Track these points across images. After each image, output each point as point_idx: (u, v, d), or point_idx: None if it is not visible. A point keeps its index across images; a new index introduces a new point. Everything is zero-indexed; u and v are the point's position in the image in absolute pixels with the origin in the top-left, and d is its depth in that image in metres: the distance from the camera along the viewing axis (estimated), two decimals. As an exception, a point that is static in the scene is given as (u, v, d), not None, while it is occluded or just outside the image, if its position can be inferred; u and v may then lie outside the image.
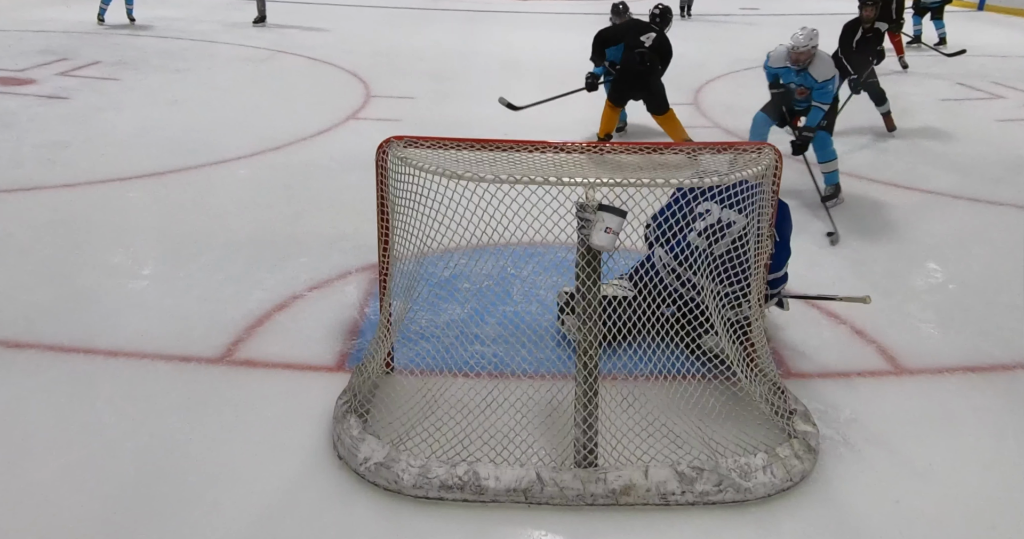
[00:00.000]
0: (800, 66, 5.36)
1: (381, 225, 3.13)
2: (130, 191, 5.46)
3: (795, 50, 5.28)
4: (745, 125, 5.93)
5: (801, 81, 5.46)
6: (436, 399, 3.09)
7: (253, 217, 5.08)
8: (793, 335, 3.82)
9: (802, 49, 5.27)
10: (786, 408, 3.06)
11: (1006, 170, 6.27)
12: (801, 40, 5.27)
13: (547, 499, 2.71)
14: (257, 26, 11.91)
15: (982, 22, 13.56)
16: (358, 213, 5.10)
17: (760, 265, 3.17)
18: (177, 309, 3.94)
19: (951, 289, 4.32)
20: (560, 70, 9.56)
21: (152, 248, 4.57)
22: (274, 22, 12.25)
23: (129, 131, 6.68)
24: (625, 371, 3.17)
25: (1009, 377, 3.54)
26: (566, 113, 7.07)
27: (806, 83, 5.44)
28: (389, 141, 3.03)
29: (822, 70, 5.38)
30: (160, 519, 2.65)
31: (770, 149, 3.05)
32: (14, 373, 3.41)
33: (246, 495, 2.75)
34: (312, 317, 3.90)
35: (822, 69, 5.38)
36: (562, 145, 2.99)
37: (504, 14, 14.04)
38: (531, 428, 2.96)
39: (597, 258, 2.72)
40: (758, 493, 2.75)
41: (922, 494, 2.84)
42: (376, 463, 2.77)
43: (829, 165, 5.57)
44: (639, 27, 6.48)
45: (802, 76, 5.42)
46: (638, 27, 6.49)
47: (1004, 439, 3.17)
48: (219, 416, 3.16)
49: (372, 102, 7.79)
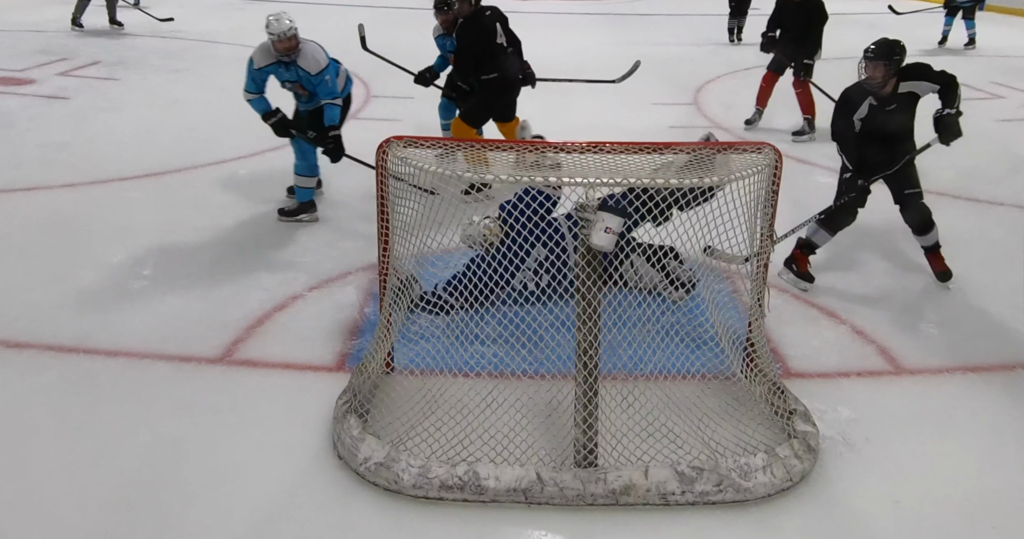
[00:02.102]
0: (288, 58, 4.60)
1: (381, 225, 3.13)
2: (130, 191, 5.46)
3: (273, 40, 4.50)
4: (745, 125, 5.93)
5: (293, 77, 4.69)
6: (436, 399, 3.09)
7: (253, 217, 5.08)
8: (793, 335, 3.82)
9: (277, 38, 4.47)
10: (786, 408, 3.06)
11: (1006, 170, 6.27)
12: (275, 26, 4.47)
13: (547, 499, 2.71)
14: None
15: (982, 22, 13.51)
16: (358, 213, 5.11)
17: (761, 265, 3.18)
18: (177, 309, 3.94)
19: (951, 289, 4.32)
20: (560, 70, 9.57)
21: (152, 248, 4.57)
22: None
23: (129, 131, 6.67)
24: (625, 371, 3.17)
25: (1009, 377, 3.54)
26: (566, 113, 7.07)
27: (299, 79, 4.68)
28: (389, 141, 3.03)
29: (311, 60, 4.61)
30: (160, 519, 2.65)
31: (770, 149, 3.05)
32: (14, 373, 3.41)
33: (246, 495, 2.75)
34: (312, 317, 3.90)
35: (311, 59, 4.61)
36: (562, 145, 2.99)
37: (504, 14, 14.02)
38: (531, 428, 2.96)
39: (597, 258, 2.72)
40: (758, 493, 2.74)
41: (922, 494, 2.84)
42: (376, 463, 2.77)
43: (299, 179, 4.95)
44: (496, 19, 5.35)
45: (292, 71, 4.66)
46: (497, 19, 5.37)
47: (1004, 439, 3.17)
48: (219, 416, 3.16)
49: (372, 102, 7.78)
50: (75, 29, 10.86)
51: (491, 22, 5.27)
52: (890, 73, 4.02)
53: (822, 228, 4.25)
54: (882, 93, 4.06)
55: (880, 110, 4.10)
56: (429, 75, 5.75)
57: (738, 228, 3.06)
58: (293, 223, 4.96)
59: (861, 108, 4.13)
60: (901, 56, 4.05)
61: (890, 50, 4.03)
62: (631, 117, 7.27)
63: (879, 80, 4.03)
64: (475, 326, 3.25)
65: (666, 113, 7.60)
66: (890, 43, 4.08)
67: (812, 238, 4.28)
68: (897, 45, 4.07)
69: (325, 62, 4.69)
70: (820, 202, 5.50)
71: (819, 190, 5.83)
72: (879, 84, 4.04)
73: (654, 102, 8.09)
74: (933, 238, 4.28)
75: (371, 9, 13.69)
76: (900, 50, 4.05)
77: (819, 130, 6.95)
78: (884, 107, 4.09)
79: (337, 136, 4.82)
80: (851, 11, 15.20)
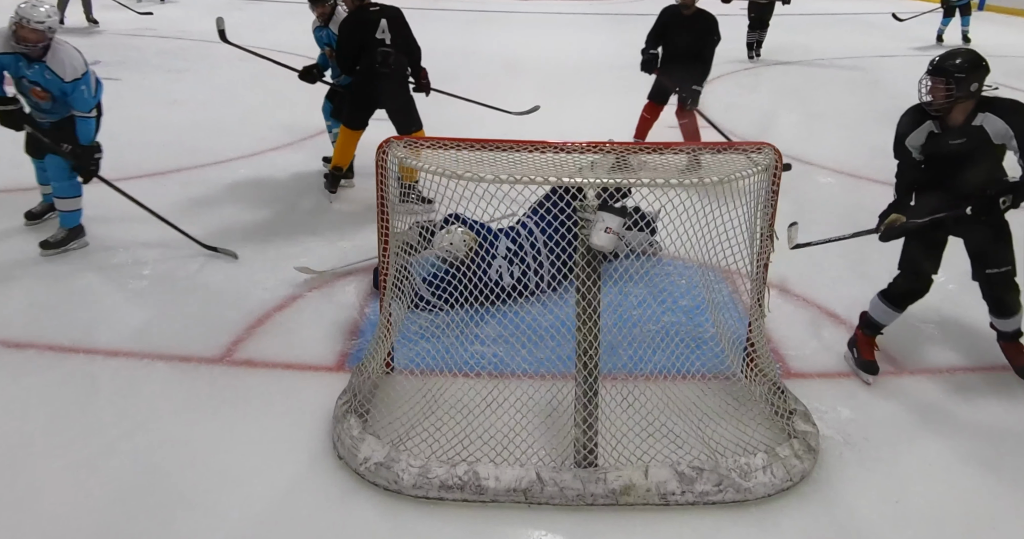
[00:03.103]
0: (31, 52, 3.95)
1: (381, 225, 3.13)
2: (130, 191, 5.45)
3: (15, 24, 3.84)
4: (746, 125, 5.92)
5: (37, 78, 4.00)
6: (436, 399, 3.09)
7: (253, 217, 5.08)
8: (793, 335, 3.82)
9: (19, 23, 3.82)
10: (786, 408, 3.06)
11: (1006, 170, 6.25)
12: (25, 9, 3.81)
13: (547, 499, 2.71)
14: None
15: (982, 22, 13.53)
16: (358, 213, 5.11)
17: (761, 265, 3.18)
18: (177, 309, 3.94)
19: (951, 289, 4.31)
20: (560, 70, 9.58)
21: (152, 248, 4.57)
22: (274, 23, 12.25)
23: (129, 131, 6.67)
24: (625, 371, 3.17)
25: (1009, 377, 3.53)
26: (567, 113, 7.07)
27: (44, 83, 4.00)
28: (389, 141, 3.03)
29: (65, 65, 3.96)
30: (160, 519, 2.64)
31: (770, 149, 3.05)
32: (14, 373, 3.41)
33: (246, 495, 2.75)
34: (312, 317, 3.90)
35: (66, 64, 3.96)
36: (562, 145, 2.99)
37: (504, 14, 14.04)
38: (531, 428, 2.96)
39: (597, 258, 2.72)
40: (758, 493, 2.74)
41: (922, 494, 2.84)
42: (376, 463, 2.77)
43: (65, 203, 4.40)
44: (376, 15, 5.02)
45: (37, 71, 3.99)
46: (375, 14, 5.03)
47: (1004, 439, 3.17)
48: (219, 416, 3.17)
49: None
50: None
51: (375, 17, 4.99)
52: (955, 95, 3.15)
53: (882, 301, 3.51)
54: (949, 121, 3.24)
55: (943, 141, 3.27)
56: (316, 71, 5.51)
57: (738, 228, 3.06)
58: (291, 223, 4.95)
59: (916, 133, 3.32)
60: (973, 75, 3.14)
61: (956, 66, 3.15)
62: (631, 117, 7.27)
63: (941, 102, 3.18)
64: (475, 326, 3.25)
65: (666, 113, 7.59)
66: (960, 55, 3.20)
67: (873, 314, 3.55)
68: (969, 59, 3.18)
69: (83, 69, 4.06)
70: (820, 202, 5.52)
71: (819, 190, 5.86)
72: (941, 107, 3.20)
73: (654, 102, 8.09)
74: (1015, 323, 3.44)
75: (371, 9, 13.71)
76: (971, 67, 3.15)
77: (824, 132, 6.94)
78: (949, 138, 3.25)
79: (99, 156, 4.27)
80: (852, 11, 15.22)
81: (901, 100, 3.89)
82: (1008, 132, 3.14)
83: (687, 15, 5.85)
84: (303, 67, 5.49)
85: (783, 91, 8.53)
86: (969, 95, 3.16)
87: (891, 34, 12.65)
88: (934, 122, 3.26)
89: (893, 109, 7.42)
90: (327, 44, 5.38)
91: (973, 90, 3.16)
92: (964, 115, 3.21)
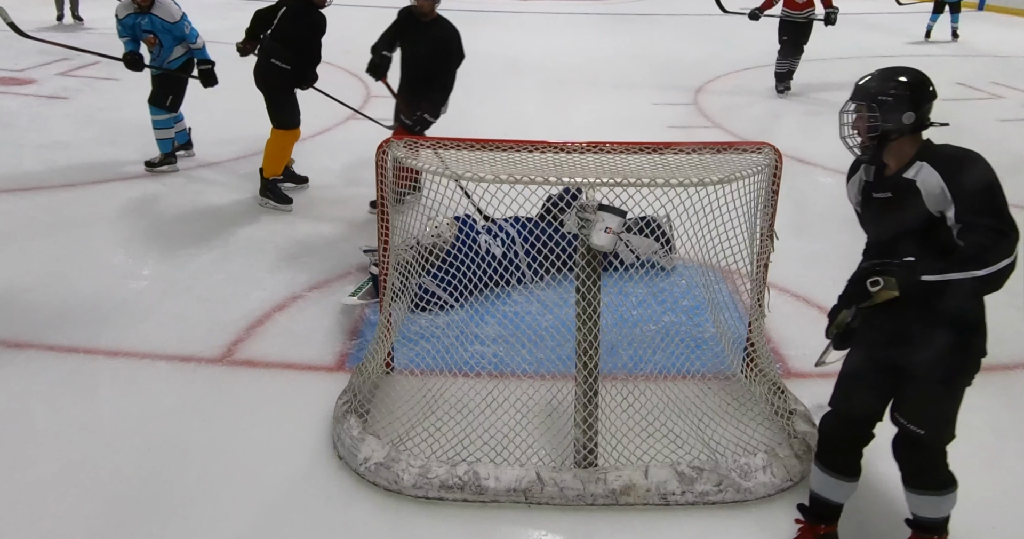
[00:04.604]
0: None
1: (381, 225, 3.14)
2: (130, 191, 5.46)
3: None
4: (746, 125, 5.92)
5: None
6: (436, 399, 3.09)
7: (253, 217, 5.08)
8: (793, 335, 3.82)
9: None
10: (786, 408, 3.06)
11: (1006, 170, 6.15)
12: None
13: (547, 499, 2.71)
14: None
15: (982, 22, 13.55)
16: (358, 213, 5.12)
17: (761, 265, 3.18)
18: (177, 309, 3.94)
19: (951, 289, 4.31)
20: (560, 70, 9.58)
21: (152, 248, 4.57)
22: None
23: (129, 131, 6.66)
24: (625, 371, 3.17)
25: (1009, 377, 3.54)
26: (567, 113, 7.07)
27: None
28: (389, 141, 3.03)
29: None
30: (160, 519, 2.64)
31: (770, 149, 3.05)
32: (14, 373, 3.41)
33: (246, 495, 2.75)
34: (312, 317, 3.90)
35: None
36: (562, 145, 3.00)
37: (504, 14, 14.04)
38: (531, 428, 2.96)
39: (597, 258, 2.72)
40: (758, 493, 2.74)
41: (922, 494, 2.83)
42: (376, 463, 2.77)
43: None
44: None
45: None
46: None
47: (1004, 439, 3.17)
48: (219, 416, 3.16)
49: (372, 102, 7.77)
50: (58, 23, 11.34)
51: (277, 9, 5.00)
52: (880, 127, 2.24)
53: (818, 466, 2.49)
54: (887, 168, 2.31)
55: (869, 194, 2.37)
56: (138, 59, 5.53)
57: (738, 228, 3.06)
58: (291, 223, 4.95)
59: (852, 183, 2.46)
60: (905, 102, 2.22)
61: (881, 87, 2.25)
62: (631, 117, 7.28)
63: (863, 141, 2.30)
64: (475, 326, 3.25)
65: (666, 113, 7.60)
66: (891, 73, 2.28)
67: (812, 486, 2.54)
68: (901, 79, 2.25)
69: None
70: (820, 202, 5.52)
71: (819, 190, 5.85)
72: (863, 148, 2.31)
73: (654, 102, 8.10)
74: (934, 507, 2.40)
75: (371, 9, 13.67)
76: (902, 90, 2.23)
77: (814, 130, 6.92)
78: (873, 191, 2.34)
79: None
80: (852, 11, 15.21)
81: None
82: (944, 193, 2.15)
83: (424, 22, 4.99)
84: (124, 55, 5.53)
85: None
86: (901, 130, 2.23)
87: (890, 32, 12.67)
88: (865, 168, 2.37)
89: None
90: (148, 31, 5.42)
91: (907, 123, 2.22)
92: (898, 161, 2.27)
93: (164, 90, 5.67)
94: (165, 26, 5.41)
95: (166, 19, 5.37)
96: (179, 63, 5.61)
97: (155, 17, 5.35)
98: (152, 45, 5.46)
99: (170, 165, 5.82)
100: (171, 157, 5.83)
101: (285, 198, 5.18)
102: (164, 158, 5.80)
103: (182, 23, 5.43)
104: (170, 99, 5.69)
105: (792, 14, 8.30)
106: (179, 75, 5.64)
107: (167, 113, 5.74)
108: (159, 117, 5.72)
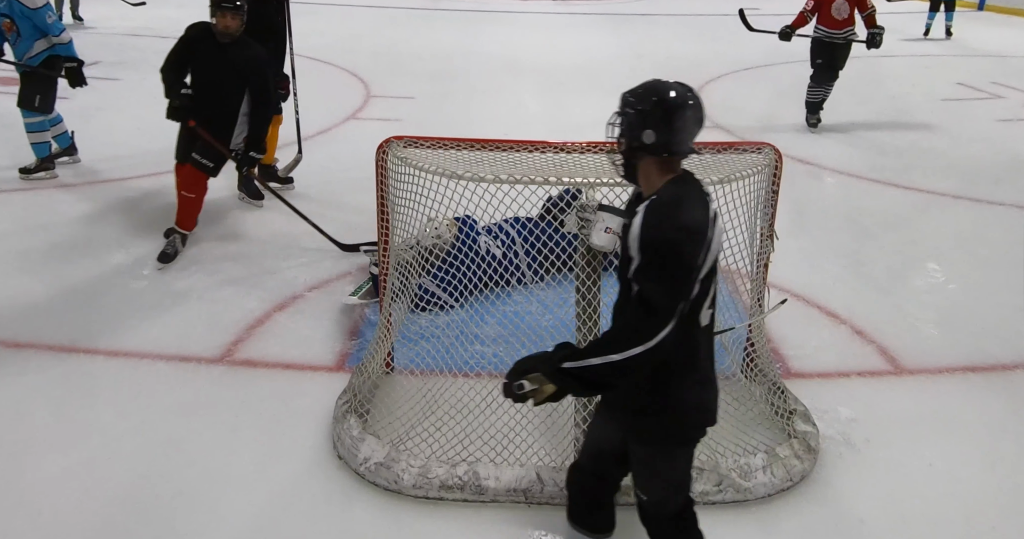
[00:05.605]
0: None
1: (381, 225, 3.14)
2: (130, 191, 5.46)
3: None
4: (746, 125, 5.91)
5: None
6: (436, 399, 3.09)
7: (253, 217, 5.08)
8: (793, 335, 3.82)
9: None
10: (786, 408, 3.06)
11: (1006, 170, 6.27)
12: None
13: (547, 499, 2.71)
14: None
15: (982, 22, 13.55)
16: (358, 213, 5.11)
17: (761, 265, 3.18)
18: (177, 309, 3.94)
19: (951, 289, 4.32)
20: (560, 70, 9.58)
21: (152, 248, 4.57)
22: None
23: (129, 131, 6.67)
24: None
25: (1009, 377, 3.54)
26: (567, 113, 7.06)
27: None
28: (389, 141, 3.03)
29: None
30: (160, 519, 2.64)
31: (770, 149, 3.05)
32: (14, 373, 3.41)
33: (246, 495, 2.75)
34: (312, 317, 3.90)
35: None
36: (562, 145, 3.00)
37: (504, 14, 14.04)
38: (531, 428, 2.96)
39: (597, 258, 2.72)
40: (758, 493, 2.74)
41: (922, 494, 2.84)
42: (376, 463, 2.77)
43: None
44: None
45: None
46: None
47: (1004, 439, 3.17)
48: (219, 416, 3.17)
49: (372, 102, 7.78)
50: None
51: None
52: (624, 145, 2.04)
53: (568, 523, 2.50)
54: None
55: None
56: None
57: (738, 228, 3.06)
58: (291, 223, 4.96)
59: None
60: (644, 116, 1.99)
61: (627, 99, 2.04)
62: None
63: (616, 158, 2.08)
64: (475, 326, 3.25)
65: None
66: (645, 86, 2.03)
67: None
68: (646, 92, 2.01)
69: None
70: (820, 202, 5.53)
71: (820, 190, 5.86)
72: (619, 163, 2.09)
73: (654, 102, 8.08)
74: None
75: (371, 9, 13.69)
76: (642, 101, 2.00)
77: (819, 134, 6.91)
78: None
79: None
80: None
81: (900, 100, 3.89)
82: (633, 243, 1.88)
83: (221, 44, 4.21)
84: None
85: (783, 91, 8.52)
86: (643, 150, 1.96)
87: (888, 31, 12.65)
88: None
89: (892, 109, 7.45)
90: (4, 14, 5.01)
91: (647, 142, 1.95)
92: (646, 188, 2.01)
93: (31, 90, 5.22)
94: (24, 12, 4.92)
95: (26, 4, 4.90)
96: (41, 59, 5.15)
97: (15, 1, 4.89)
98: (9, 31, 4.98)
99: (48, 172, 5.44)
100: (49, 163, 5.46)
101: (258, 193, 5.17)
102: (40, 164, 5.45)
103: (44, 11, 4.96)
104: (38, 99, 5.23)
105: (830, 33, 6.95)
106: (45, 73, 5.19)
107: (39, 115, 5.31)
108: (31, 120, 5.30)
